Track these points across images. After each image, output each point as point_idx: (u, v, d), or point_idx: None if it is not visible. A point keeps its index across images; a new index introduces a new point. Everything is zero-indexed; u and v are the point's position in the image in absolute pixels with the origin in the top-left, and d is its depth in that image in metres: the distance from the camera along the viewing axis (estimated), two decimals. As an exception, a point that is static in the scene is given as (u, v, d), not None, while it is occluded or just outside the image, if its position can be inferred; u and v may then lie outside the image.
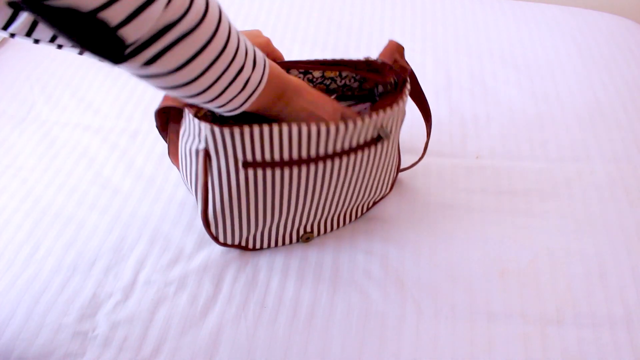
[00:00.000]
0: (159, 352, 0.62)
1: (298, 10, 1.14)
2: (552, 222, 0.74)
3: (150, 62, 0.38)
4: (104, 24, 0.33)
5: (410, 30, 1.09)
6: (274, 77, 0.52)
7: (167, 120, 0.69)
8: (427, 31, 1.08)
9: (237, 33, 0.44)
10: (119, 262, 0.70)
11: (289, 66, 0.64)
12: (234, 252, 0.70)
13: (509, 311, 0.65)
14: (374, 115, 0.58)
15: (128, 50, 0.37)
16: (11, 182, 0.80)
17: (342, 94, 0.71)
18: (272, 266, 0.69)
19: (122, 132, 0.87)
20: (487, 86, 0.96)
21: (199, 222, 0.74)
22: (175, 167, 0.81)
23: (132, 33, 0.35)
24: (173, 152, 0.71)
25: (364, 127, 0.59)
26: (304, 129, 0.56)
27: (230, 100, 0.48)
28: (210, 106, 0.48)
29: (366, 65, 0.65)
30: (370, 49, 1.03)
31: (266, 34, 1.07)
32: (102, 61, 0.37)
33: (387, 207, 0.76)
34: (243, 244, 0.69)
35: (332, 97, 0.71)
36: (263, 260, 0.70)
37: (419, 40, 1.06)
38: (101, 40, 0.34)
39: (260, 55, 0.48)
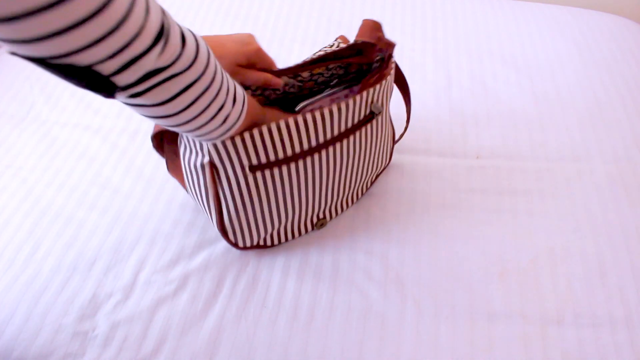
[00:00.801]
0: (159, 352, 0.62)
1: (298, 10, 1.14)
2: (552, 222, 0.74)
3: (136, 95, 0.40)
4: (98, 73, 0.35)
5: (410, 30, 1.09)
6: (252, 111, 0.55)
7: (162, 139, 0.69)
8: (427, 31, 1.08)
9: (222, 73, 0.47)
10: (119, 262, 0.70)
11: (279, 74, 0.65)
12: (235, 252, 0.70)
13: (509, 311, 0.65)
14: (364, 94, 0.61)
15: (119, 89, 0.38)
16: (11, 182, 0.80)
17: (332, 83, 0.72)
18: (272, 266, 0.69)
19: (122, 132, 0.87)
20: (487, 86, 0.96)
21: (200, 221, 0.74)
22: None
23: (124, 79, 0.37)
24: (172, 168, 0.71)
25: (356, 106, 0.61)
26: (300, 119, 0.57)
27: (210, 132, 0.50)
28: (190, 135, 0.50)
29: (349, 50, 0.67)
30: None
31: (266, 33, 1.07)
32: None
33: (387, 206, 0.76)
34: (261, 243, 0.70)
35: (328, 91, 0.71)
36: (263, 260, 0.70)
37: (419, 40, 1.06)
38: (94, 83, 0.35)
39: (240, 92, 0.51)
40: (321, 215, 0.72)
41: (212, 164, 0.58)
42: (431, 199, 0.77)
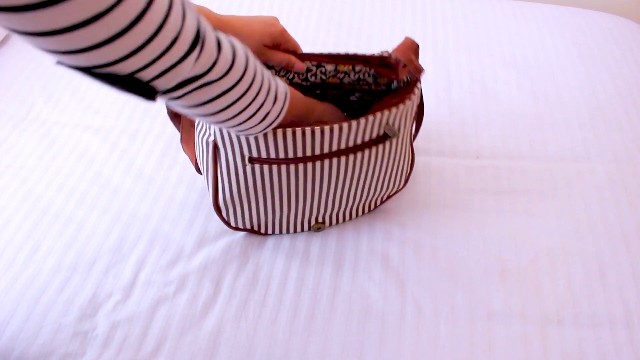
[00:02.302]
0: (159, 352, 0.62)
1: (298, 10, 1.14)
2: (552, 222, 0.74)
3: (176, 98, 0.42)
4: (139, 80, 0.36)
5: (410, 30, 1.09)
6: (297, 104, 0.56)
7: None
8: (427, 31, 1.08)
9: (262, 74, 0.48)
10: (119, 262, 0.70)
11: (302, 58, 0.65)
12: (234, 252, 0.70)
13: (509, 311, 0.65)
14: (378, 114, 0.59)
15: (159, 93, 0.40)
16: (11, 182, 0.80)
17: (360, 88, 0.71)
18: (272, 265, 0.69)
19: (122, 132, 0.87)
20: (487, 86, 0.96)
21: (199, 221, 0.74)
22: (175, 165, 0.81)
23: (163, 84, 0.38)
24: (185, 140, 0.73)
25: (368, 124, 0.60)
26: (298, 132, 0.57)
27: (250, 128, 0.51)
28: (232, 131, 0.52)
29: (380, 60, 0.66)
30: (370, 49, 1.03)
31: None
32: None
33: (387, 207, 0.76)
34: (255, 228, 0.71)
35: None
36: (263, 259, 0.70)
37: (419, 40, 1.06)
38: (136, 88, 0.37)
39: (282, 91, 0.52)
40: (320, 219, 0.71)
41: (215, 145, 0.60)
42: (431, 199, 0.77)
